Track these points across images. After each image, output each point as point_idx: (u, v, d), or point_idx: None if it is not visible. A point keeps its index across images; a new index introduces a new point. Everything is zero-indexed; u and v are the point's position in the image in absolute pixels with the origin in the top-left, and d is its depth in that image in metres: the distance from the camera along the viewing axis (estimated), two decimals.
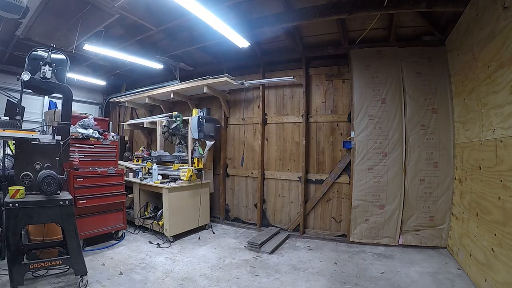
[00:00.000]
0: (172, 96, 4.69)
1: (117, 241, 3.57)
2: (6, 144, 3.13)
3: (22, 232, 2.54)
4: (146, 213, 4.14)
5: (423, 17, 3.26)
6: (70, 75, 5.01)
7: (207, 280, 2.63)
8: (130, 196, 4.26)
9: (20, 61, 2.76)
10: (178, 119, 4.25)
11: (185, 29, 3.87)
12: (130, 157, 5.14)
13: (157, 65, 4.68)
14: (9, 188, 2.21)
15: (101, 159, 3.57)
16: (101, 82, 6.08)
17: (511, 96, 1.95)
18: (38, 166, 2.32)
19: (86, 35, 3.79)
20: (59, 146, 2.40)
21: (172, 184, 3.76)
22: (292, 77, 4.04)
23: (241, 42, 3.47)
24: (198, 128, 3.95)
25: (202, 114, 4.13)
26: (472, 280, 2.49)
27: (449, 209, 3.29)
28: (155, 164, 4.15)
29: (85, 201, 3.19)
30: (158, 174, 4.00)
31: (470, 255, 2.57)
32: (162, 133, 4.44)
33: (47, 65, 2.36)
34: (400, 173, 3.48)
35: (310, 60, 4.18)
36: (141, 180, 4.09)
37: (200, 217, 4.05)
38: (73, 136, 3.16)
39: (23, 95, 2.37)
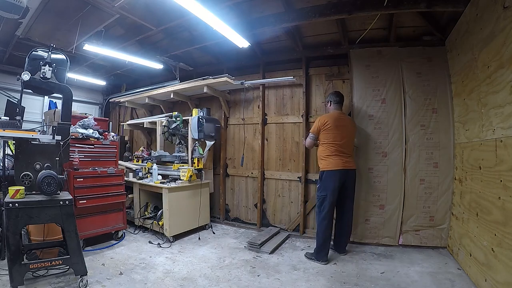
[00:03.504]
0: (172, 96, 4.69)
1: (117, 241, 3.57)
2: (6, 144, 3.13)
3: (22, 232, 2.54)
4: (146, 213, 4.14)
5: (423, 17, 3.25)
6: (70, 75, 5.01)
7: (207, 280, 2.63)
8: (130, 196, 4.26)
9: (20, 61, 2.76)
10: (178, 119, 4.26)
11: (185, 29, 3.87)
12: (130, 157, 5.14)
13: (157, 65, 4.68)
14: (9, 188, 2.21)
15: (101, 159, 3.57)
16: (101, 82, 6.08)
17: (511, 96, 1.95)
18: (38, 166, 2.32)
19: (86, 35, 3.79)
20: (59, 146, 2.40)
21: (172, 184, 3.76)
22: (292, 77, 4.04)
23: (241, 42, 3.47)
24: (198, 128, 3.95)
25: (202, 114, 4.12)
26: (472, 280, 2.49)
27: (449, 209, 3.29)
28: (155, 164, 4.15)
29: (85, 201, 3.19)
30: (158, 174, 4.00)
31: (470, 255, 2.57)
32: (162, 133, 4.44)
33: (47, 65, 2.35)
34: (400, 173, 3.48)
35: (310, 60, 4.18)
36: (141, 180, 4.10)
37: (200, 217, 4.05)
38: (73, 136, 3.16)
39: (23, 95, 2.37)
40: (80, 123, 3.49)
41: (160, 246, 3.47)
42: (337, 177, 3.08)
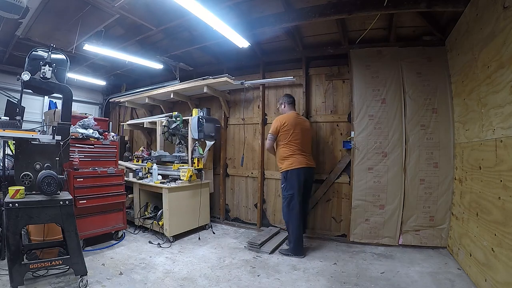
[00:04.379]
0: (172, 96, 4.69)
1: (117, 241, 3.57)
2: (6, 144, 3.13)
3: (22, 232, 2.54)
4: (146, 213, 4.14)
5: (423, 17, 3.25)
6: (70, 75, 5.01)
7: (207, 280, 2.63)
8: (130, 196, 4.26)
9: (20, 61, 2.76)
10: (178, 119, 4.26)
11: (185, 29, 3.87)
12: (130, 157, 5.14)
13: (157, 65, 4.68)
14: (9, 188, 2.20)
15: (101, 159, 3.57)
16: (101, 82, 6.08)
17: (511, 96, 1.95)
18: (38, 166, 2.32)
19: (86, 35, 3.79)
20: (59, 146, 2.40)
21: (172, 184, 3.76)
22: (292, 77, 4.04)
23: (241, 42, 3.47)
24: (198, 128, 3.95)
25: (202, 114, 4.12)
26: (472, 280, 2.49)
27: (449, 209, 3.29)
28: (155, 164, 4.15)
29: (85, 201, 3.19)
30: (158, 174, 4.00)
31: (470, 255, 2.57)
32: (162, 133, 4.44)
33: (47, 65, 2.35)
34: (400, 173, 3.48)
35: (310, 60, 4.18)
36: (141, 180, 4.10)
37: (200, 217, 4.05)
38: (73, 136, 3.16)
39: (23, 95, 2.37)
40: (80, 123, 3.49)
41: (160, 246, 3.47)
42: (301, 175, 3.27)
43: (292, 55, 4.23)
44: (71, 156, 3.01)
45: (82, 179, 3.21)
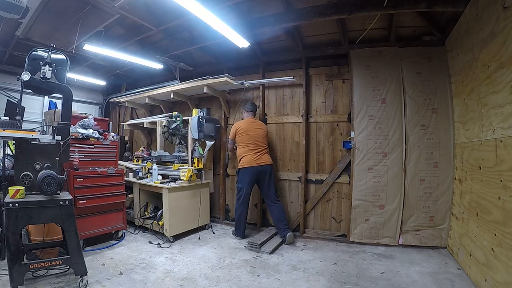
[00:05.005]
0: (172, 96, 4.69)
1: (117, 241, 3.57)
2: (6, 144, 3.13)
3: (22, 232, 2.54)
4: (146, 213, 4.14)
5: (423, 17, 3.25)
6: (70, 75, 5.01)
7: (207, 280, 2.63)
8: (130, 196, 4.26)
9: (20, 61, 2.76)
10: (178, 119, 4.26)
11: (185, 29, 3.87)
12: (130, 157, 5.14)
13: (157, 65, 4.68)
14: (9, 188, 2.20)
15: (101, 159, 3.57)
16: (101, 82, 6.08)
17: (511, 96, 1.95)
18: (38, 166, 2.32)
19: (86, 35, 3.79)
20: (59, 146, 2.40)
21: (172, 184, 3.76)
22: (292, 77, 4.04)
23: (241, 42, 3.47)
24: (198, 128, 3.95)
25: (202, 114, 4.13)
26: (472, 280, 2.49)
27: (449, 209, 3.29)
28: (155, 164, 4.15)
29: (85, 201, 3.19)
30: (158, 174, 4.00)
31: (470, 255, 2.57)
32: (162, 133, 4.44)
33: (47, 65, 2.35)
34: (400, 173, 3.48)
35: (310, 60, 4.18)
36: (141, 180, 4.10)
37: (200, 217, 4.05)
38: (73, 136, 3.16)
39: (23, 95, 2.37)
40: (80, 123, 3.49)
41: (160, 246, 3.47)
42: (250, 173, 3.74)
43: (292, 55, 4.23)
44: (71, 156, 3.01)
45: (82, 179, 3.21)
